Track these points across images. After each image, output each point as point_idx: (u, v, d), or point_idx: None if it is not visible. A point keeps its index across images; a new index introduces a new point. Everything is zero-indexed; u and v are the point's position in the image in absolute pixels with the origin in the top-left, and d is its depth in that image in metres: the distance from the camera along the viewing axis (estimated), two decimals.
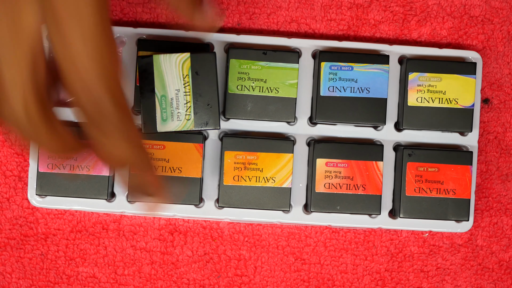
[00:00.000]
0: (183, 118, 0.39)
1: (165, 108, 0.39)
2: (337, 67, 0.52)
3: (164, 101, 0.39)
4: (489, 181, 0.56)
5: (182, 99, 0.39)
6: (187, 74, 0.39)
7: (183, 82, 0.39)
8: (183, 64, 0.39)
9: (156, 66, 0.39)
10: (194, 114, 0.39)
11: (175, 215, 0.53)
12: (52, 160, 0.52)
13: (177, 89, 0.39)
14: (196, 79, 0.40)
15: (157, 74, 0.39)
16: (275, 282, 0.55)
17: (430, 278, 0.56)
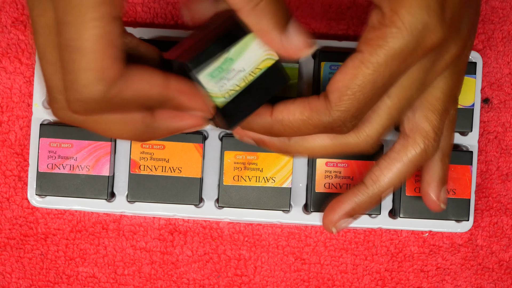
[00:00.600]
0: (223, 91, 0.38)
1: (221, 68, 0.37)
2: (337, 67, 0.52)
3: (227, 64, 0.38)
4: (489, 181, 0.56)
5: (238, 79, 0.38)
6: (261, 69, 0.38)
7: (251, 69, 0.38)
8: (264, 60, 0.38)
9: (245, 39, 0.38)
10: (231, 100, 0.38)
11: (175, 215, 0.53)
12: (52, 160, 0.52)
13: (243, 70, 0.38)
14: (260, 80, 0.39)
15: (241, 45, 0.38)
16: (275, 282, 0.55)
17: (430, 278, 0.56)
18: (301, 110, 0.38)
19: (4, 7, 0.55)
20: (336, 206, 0.43)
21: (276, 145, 0.41)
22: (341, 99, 0.37)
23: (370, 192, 0.43)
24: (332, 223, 0.43)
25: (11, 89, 0.54)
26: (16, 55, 0.54)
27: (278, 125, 0.39)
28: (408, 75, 0.38)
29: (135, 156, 0.52)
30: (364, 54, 0.36)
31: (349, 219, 0.43)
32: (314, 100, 0.38)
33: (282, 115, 0.39)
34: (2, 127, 0.55)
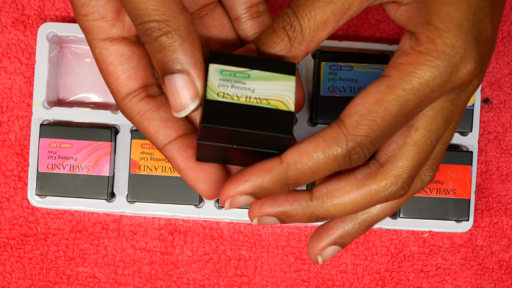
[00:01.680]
0: (220, 89, 0.35)
1: (234, 74, 0.35)
2: (337, 67, 0.52)
3: (242, 76, 0.35)
4: (489, 181, 0.56)
5: (241, 93, 0.35)
6: (269, 104, 0.35)
7: (259, 96, 0.35)
8: (279, 100, 0.35)
9: (280, 75, 0.35)
10: (221, 103, 0.35)
11: (175, 215, 0.53)
12: (52, 160, 0.52)
13: (252, 90, 0.35)
14: (261, 111, 0.35)
15: (269, 75, 0.35)
16: (275, 282, 0.55)
17: (430, 278, 0.56)
18: (314, 145, 0.35)
19: (4, 7, 0.55)
20: (323, 233, 0.40)
21: (301, 212, 0.37)
22: (360, 123, 0.34)
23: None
24: (318, 251, 0.40)
25: (11, 89, 0.55)
26: (16, 55, 0.54)
27: (293, 171, 0.35)
28: (433, 106, 0.36)
29: (135, 156, 0.52)
30: (392, 79, 0.34)
31: (337, 247, 0.40)
32: (326, 131, 0.35)
33: (294, 157, 0.35)
34: (2, 127, 0.55)
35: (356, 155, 0.35)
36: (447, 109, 0.37)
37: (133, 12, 0.34)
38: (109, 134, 0.52)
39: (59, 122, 0.53)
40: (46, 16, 0.55)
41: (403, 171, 0.36)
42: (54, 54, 0.53)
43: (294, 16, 0.36)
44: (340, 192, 0.37)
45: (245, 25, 0.40)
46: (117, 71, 0.38)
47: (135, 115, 0.38)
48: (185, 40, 0.34)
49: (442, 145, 0.39)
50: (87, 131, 0.52)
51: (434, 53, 0.34)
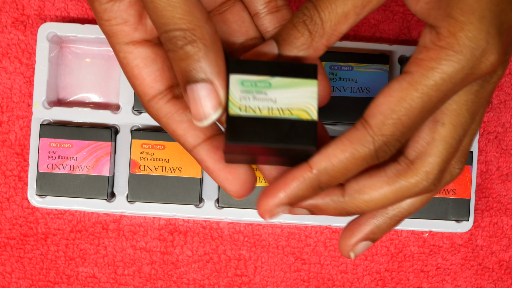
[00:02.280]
0: (242, 103, 0.35)
1: (255, 85, 0.35)
2: (337, 67, 0.52)
3: (263, 85, 0.35)
4: (489, 181, 0.56)
5: (263, 105, 0.35)
6: (292, 114, 0.35)
7: (282, 106, 0.35)
8: (301, 109, 0.35)
9: (302, 80, 0.35)
10: (245, 117, 0.35)
11: (175, 215, 0.53)
12: (52, 160, 0.52)
13: (274, 101, 0.35)
14: (284, 123, 0.35)
15: (290, 81, 0.35)
16: (275, 282, 0.55)
17: (430, 278, 0.56)
18: (342, 149, 0.35)
19: (4, 7, 0.55)
20: (354, 229, 0.40)
21: (332, 206, 0.38)
22: (385, 122, 0.34)
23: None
24: (350, 247, 0.40)
25: (11, 89, 0.54)
26: (16, 55, 0.54)
27: (324, 175, 0.36)
28: (457, 100, 0.36)
29: (135, 156, 0.52)
30: (414, 76, 0.34)
31: (369, 242, 0.40)
32: (351, 132, 0.35)
33: (324, 163, 0.35)
34: (2, 127, 0.55)
35: (383, 153, 0.35)
36: (472, 101, 0.36)
37: (159, 20, 0.34)
38: (109, 134, 0.52)
39: (59, 122, 0.53)
40: (46, 16, 0.55)
41: (433, 167, 0.36)
42: (54, 54, 0.53)
43: (315, 10, 0.36)
44: (371, 189, 0.37)
45: (264, 20, 0.40)
46: (143, 74, 0.38)
47: (163, 117, 0.38)
48: (209, 50, 0.34)
49: (470, 137, 0.38)
50: (87, 131, 0.52)
51: (456, 47, 0.34)
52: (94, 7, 0.37)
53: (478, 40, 0.33)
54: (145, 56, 0.38)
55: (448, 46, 0.34)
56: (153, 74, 0.38)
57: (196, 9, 0.34)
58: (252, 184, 0.38)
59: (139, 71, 0.38)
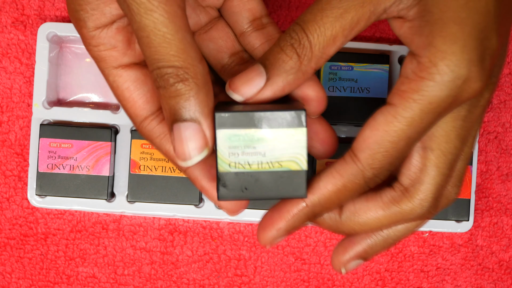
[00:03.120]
0: (231, 160, 0.35)
1: (243, 139, 0.35)
2: (337, 67, 0.52)
3: (250, 138, 0.35)
4: (489, 181, 0.56)
5: (252, 160, 0.35)
6: (281, 166, 0.35)
7: (271, 160, 0.35)
8: (290, 160, 0.35)
9: (290, 130, 0.35)
10: (234, 173, 0.35)
11: (175, 215, 0.53)
12: (52, 160, 0.52)
13: (263, 154, 0.35)
14: (275, 176, 0.35)
15: (279, 132, 0.35)
16: (275, 282, 0.55)
17: (430, 278, 0.56)
18: (333, 182, 0.36)
19: (4, 7, 0.55)
20: (347, 246, 0.41)
21: (327, 223, 0.39)
22: (374, 157, 0.35)
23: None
24: (342, 264, 0.41)
25: (11, 89, 0.55)
26: (16, 55, 0.54)
27: (318, 207, 0.37)
28: (444, 128, 0.36)
29: (135, 156, 0.52)
30: (398, 108, 0.35)
31: (360, 260, 0.41)
32: (341, 165, 0.36)
33: (316, 196, 0.37)
34: (2, 127, 0.55)
35: (374, 182, 0.36)
36: (460, 127, 0.37)
37: (152, 56, 0.34)
38: (109, 134, 0.52)
39: (59, 122, 0.53)
40: (46, 16, 0.55)
41: (427, 194, 0.37)
42: (54, 54, 0.53)
43: (303, 33, 0.35)
44: (366, 212, 0.38)
45: (250, 38, 0.40)
46: (134, 96, 0.38)
47: (156, 138, 0.38)
48: (201, 89, 0.34)
49: (463, 161, 0.39)
50: (87, 131, 0.52)
51: (437, 78, 0.34)
52: (82, 33, 0.37)
53: (459, 69, 0.33)
54: (135, 78, 0.38)
55: (429, 77, 0.34)
56: (144, 96, 0.38)
57: (191, 48, 0.34)
58: (247, 200, 0.39)
59: (129, 93, 0.38)
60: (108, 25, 0.37)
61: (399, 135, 0.35)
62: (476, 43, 0.34)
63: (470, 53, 0.33)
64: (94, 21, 0.37)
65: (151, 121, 0.38)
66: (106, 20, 0.37)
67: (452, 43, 0.33)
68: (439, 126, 0.36)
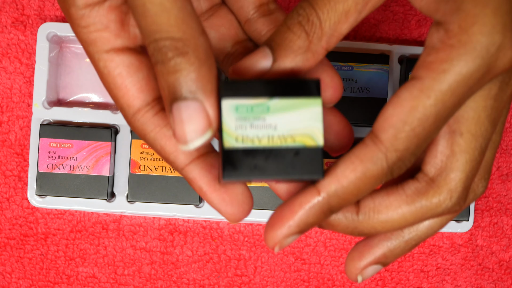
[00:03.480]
0: (238, 134, 0.31)
1: (252, 109, 0.31)
2: (337, 67, 0.52)
3: (260, 109, 0.31)
4: (489, 181, 0.56)
5: (262, 134, 0.31)
6: (295, 141, 0.31)
7: (283, 134, 0.31)
8: (305, 135, 0.31)
9: (304, 100, 0.30)
10: (242, 150, 0.31)
11: (175, 215, 0.53)
12: (52, 160, 0.52)
13: (274, 128, 0.31)
14: (287, 152, 0.31)
15: (291, 102, 0.31)
16: (275, 282, 0.55)
17: (430, 278, 0.56)
18: (352, 169, 0.32)
19: (4, 7, 0.55)
20: (364, 250, 0.36)
21: (344, 224, 0.34)
22: (398, 136, 0.31)
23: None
24: (358, 270, 0.36)
25: (11, 89, 0.54)
26: (16, 55, 0.54)
27: (335, 198, 0.32)
28: (474, 107, 0.33)
29: (135, 156, 0.52)
30: (425, 81, 0.31)
31: (379, 266, 0.37)
32: (361, 149, 0.32)
33: (333, 186, 0.32)
34: (2, 127, 0.55)
35: (398, 169, 0.32)
36: (491, 107, 0.33)
37: (148, 26, 0.30)
38: (109, 134, 0.52)
39: (59, 122, 0.53)
40: (46, 16, 0.55)
41: (457, 184, 0.33)
42: (54, 54, 0.53)
43: (311, 8, 0.32)
44: (389, 209, 0.34)
45: (257, 24, 0.36)
46: (126, 83, 0.34)
47: (150, 132, 0.34)
48: (203, 64, 0.30)
49: (492, 150, 0.35)
50: (87, 131, 0.52)
51: (468, 45, 0.30)
52: (70, 13, 0.33)
53: (493, 34, 0.30)
54: (129, 63, 0.34)
55: (460, 44, 0.30)
56: (138, 84, 0.34)
57: (191, 18, 0.31)
58: (250, 206, 0.35)
59: (122, 80, 0.34)
60: (99, 3, 0.33)
61: (427, 111, 0.31)
62: (510, 5, 0.30)
63: (504, 16, 0.30)
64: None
65: (146, 113, 0.34)
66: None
67: (483, 5, 0.30)
68: (468, 107, 0.33)
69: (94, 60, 0.34)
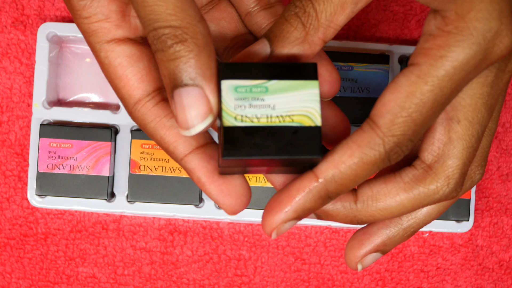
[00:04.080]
0: (237, 112, 0.31)
1: (250, 90, 0.31)
2: (337, 67, 0.52)
3: (259, 90, 0.32)
4: (489, 181, 0.56)
5: (260, 113, 0.32)
6: (293, 121, 0.31)
7: (281, 113, 0.32)
8: (303, 115, 0.32)
9: (302, 82, 0.32)
10: (241, 128, 0.32)
11: (175, 215, 0.53)
12: (52, 160, 0.52)
13: (272, 107, 0.32)
14: (285, 131, 0.32)
15: (289, 84, 0.32)
16: (275, 282, 0.55)
17: (430, 278, 0.56)
18: (350, 154, 0.32)
19: (4, 7, 0.55)
20: (363, 239, 0.37)
21: (342, 213, 0.35)
22: (395, 121, 0.31)
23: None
24: (358, 259, 0.37)
25: (11, 89, 0.54)
26: (16, 55, 0.54)
27: (332, 184, 0.32)
28: (471, 94, 0.33)
29: (135, 156, 0.52)
30: (422, 67, 0.31)
31: (378, 254, 0.37)
32: (358, 135, 0.32)
33: (331, 171, 0.32)
34: (2, 127, 0.55)
35: (396, 155, 0.32)
36: (488, 94, 0.33)
37: (148, 16, 0.31)
38: (109, 134, 0.52)
39: (59, 122, 0.53)
40: (46, 16, 0.55)
41: (454, 170, 0.33)
42: (54, 54, 0.53)
43: (308, 0, 0.32)
44: (387, 196, 0.34)
45: (257, 18, 0.37)
46: (127, 73, 0.34)
47: (150, 122, 0.34)
48: (202, 51, 0.31)
49: (488, 137, 0.36)
50: (87, 131, 0.52)
51: (465, 31, 0.30)
52: (71, 4, 0.34)
53: (490, 20, 0.30)
54: (129, 53, 0.35)
55: (457, 31, 0.31)
56: (139, 74, 0.34)
57: (189, 6, 0.31)
58: (248, 198, 0.35)
59: (123, 70, 0.34)
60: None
61: (424, 97, 0.31)
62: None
63: (501, 3, 0.30)
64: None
65: (146, 103, 0.34)
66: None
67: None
68: (465, 93, 0.33)
69: (95, 51, 0.35)
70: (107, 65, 0.35)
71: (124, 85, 0.35)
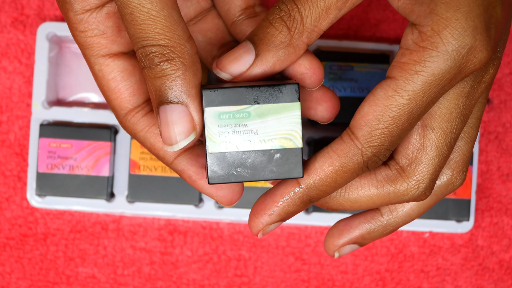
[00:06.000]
0: (221, 140, 0.33)
1: (233, 116, 0.33)
2: (337, 67, 0.52)
3: (242, 116, 0.33)
4: (490, 181, 0.56)
5: (244, 139, 0.33)
6: (275, 144, 0.33)
7: (264, 137, 0.33)
8: (285, 138, 0.33)
9: (283, 105, 0.33)
10: (225, 154, 0.33)
11: (175, 215, 0.53)
12: (52, 160, 0.52)
13: (255, 132, 0.33)
14: (268, 155, 0.33)
15: (271, 107, 0.33)
16: (275, 282, 0.55)
17: (430, 278, 0.56)
18: (329, 163, 0.34)
19: (3, 7, 0.55)
20: (343, 229, 0.39)
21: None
22: (373, 134, 0.33)
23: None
24: (336, 247, 0.39)
25: (11, 89, 0.54)
26: (16, 55, 0.54)
27: (313, 190, 0.35)
28: (446, 105, 0.35)
29: (135, 156, 0.52)
30: (398, 82, 0.33)
31: (356, 245, 0.39)
32: (338, 144, 0.34)
33: (312, 178, 0.35)
34: (2, 127, 0.55)
35: (373, 163, 0.34)
36: (463, 104, 0.35)
37: (137, 33, 0.32)
38: (108, 134, 0.52)
39: (58, 122, 0.53)
40: (46, 16, 0.55)
41: (425, 175, 0.35)
42: (54, 54, 0.53)
43: (293, 4, 0.33)
44: (358, 190, 0.36)
45: (242, 26, 0.38)
46: (120, 87, 0.36)
47: (140, 131, 0.36)
48: (188, 70, 0.33)
49: (469, 143, 0.37)
50: (87, 131, 0.52)
51: (440, 48, 0.32)
52: (69, 17, 0.35)
53: (464, 37, 0.32)
54: (123, 68, 0.36)
55: (432, 46, 0.32)
56: (131, 88, 0.36)
57: (178, 26, 0.32)
58: (240, 187, 0.37)
59: (116, 84, 0.36)
60: (97, 9, 0.35)
61: (400, 110, 0.33)
62: (480, 9, 0.32)
63: (475, 20, 0.32)
64: (82, 3, 0.35)
65: (136, 114, 0.36)
66: (95, 2, 0.35)
67: (455, 9, 0.32)
68: (441, 104, 0.35)
69: (90, 63, 0.36)
70: (101, 78, 0.36)
71: (116, 98, 0.36)
